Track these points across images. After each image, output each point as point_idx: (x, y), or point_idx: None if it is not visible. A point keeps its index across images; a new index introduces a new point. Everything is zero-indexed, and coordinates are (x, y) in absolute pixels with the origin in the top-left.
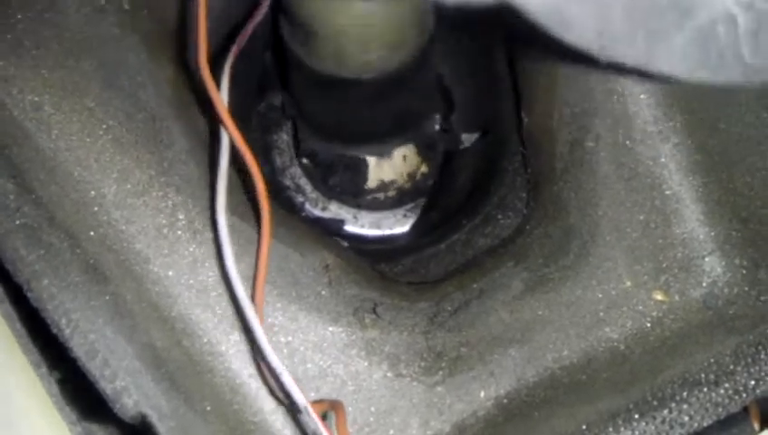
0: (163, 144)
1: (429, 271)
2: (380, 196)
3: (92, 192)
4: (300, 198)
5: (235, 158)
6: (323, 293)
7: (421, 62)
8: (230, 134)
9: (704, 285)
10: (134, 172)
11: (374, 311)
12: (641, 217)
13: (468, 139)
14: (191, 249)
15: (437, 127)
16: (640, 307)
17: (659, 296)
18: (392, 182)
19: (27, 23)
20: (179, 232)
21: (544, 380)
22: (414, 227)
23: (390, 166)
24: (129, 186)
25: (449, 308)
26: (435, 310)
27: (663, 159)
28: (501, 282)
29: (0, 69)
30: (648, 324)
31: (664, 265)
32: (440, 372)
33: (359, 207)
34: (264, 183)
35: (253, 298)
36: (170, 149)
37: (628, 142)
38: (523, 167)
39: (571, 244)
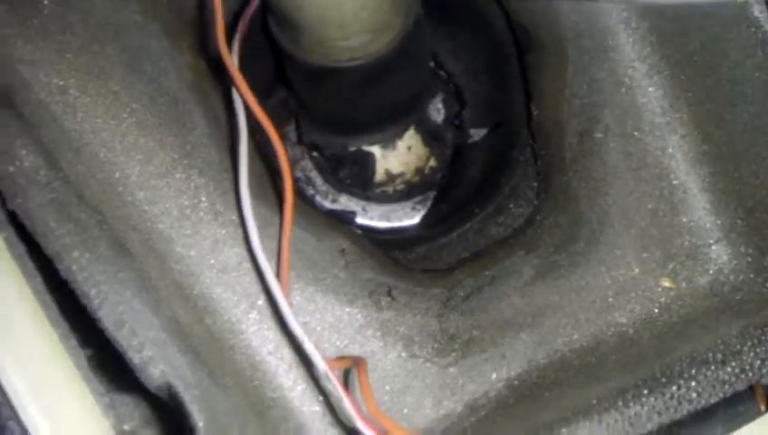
0: (186, 127)
1: (442, 259)
2: (389, 189)
3: (117, 173)
4: (311, 191)
5: (254, 138)
6: (340, 275)
7: (408, 46)
8: (252, 107)
9: (710, 272)
10: (158, 154)
11: (389, 294)
12: (649, 206)
13: (477, 133)
14: (213, 230)
15: (441, 115)
16: (648, 293)
17: (667, 283)
18: (400, 174)
19: (53, 8)
20: (201, 213)
21: (555, 362)
22: (424, 218)
23: (396, 157)
24: (152, 167)
25: (462, 293)
26: (448, 295)
27: (670, 150)
28: (513, 269)
29: (27, 53)
30: (656, 310)
31: (671, 253)
32: (453, 354)
33: (368, 199)
34: (287, 157)
35: (278, 274)
36: (193, 132)
37: (636, 133)
38: (533, 157)
39: (580, 232)
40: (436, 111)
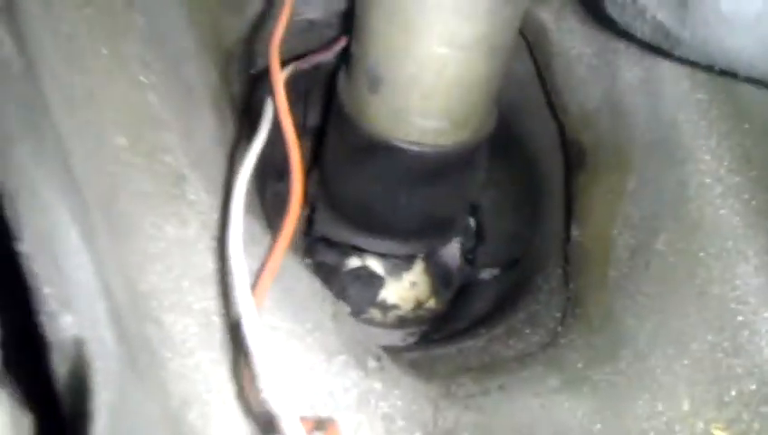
0: (194, 117)
1: (435, 371)
2: (378, 316)
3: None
4: None
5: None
6: (326, 323)
7: (473, 154)
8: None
9: None
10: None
11: (378, 359)
12: (709, 338)
13: (489, 272)
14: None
15: (456, 258)
16: None
17: (720, 433)
18: (394, 306)
19: None
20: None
21: None
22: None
23: (396, 288)
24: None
25: (462, 394)
26: (450, 386)
27: (738, 282)
28: (531, 380)
29: None
30: None
31: (726, 400)
32: None
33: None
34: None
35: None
36: (200, 121)
37: (701, 254)
38: (560, 286)
39: (622, 351)
40: (451, 254)
